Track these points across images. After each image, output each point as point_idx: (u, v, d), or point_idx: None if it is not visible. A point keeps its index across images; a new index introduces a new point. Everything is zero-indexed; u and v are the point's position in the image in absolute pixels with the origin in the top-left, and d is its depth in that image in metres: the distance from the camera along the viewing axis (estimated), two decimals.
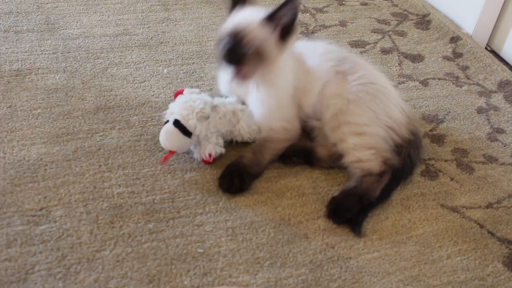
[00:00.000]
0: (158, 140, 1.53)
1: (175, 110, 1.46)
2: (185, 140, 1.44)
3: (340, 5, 2.34)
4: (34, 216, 1.31)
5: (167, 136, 1.44)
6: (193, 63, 1.86)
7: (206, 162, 1.49)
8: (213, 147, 1.48)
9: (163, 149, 1.51)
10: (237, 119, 1.52)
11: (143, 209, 1.35)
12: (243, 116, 1.52)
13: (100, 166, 1.45)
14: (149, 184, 1.42)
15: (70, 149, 1.49)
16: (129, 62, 1.83)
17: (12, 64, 1.75)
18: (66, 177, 1.41)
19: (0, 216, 1.29)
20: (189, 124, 1.44)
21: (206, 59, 1.89)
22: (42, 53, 1.81)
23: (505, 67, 2.06)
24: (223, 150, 1.49)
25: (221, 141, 1.50)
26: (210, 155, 1.47)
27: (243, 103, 1.56)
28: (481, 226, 1.44)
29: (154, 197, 1.39)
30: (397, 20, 2.28)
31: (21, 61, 1.77)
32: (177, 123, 1.44)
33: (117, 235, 1.29)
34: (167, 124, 1.45)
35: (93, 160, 1.46)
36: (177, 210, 1.36)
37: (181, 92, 1.53)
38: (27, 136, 1.51)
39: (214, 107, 1.48)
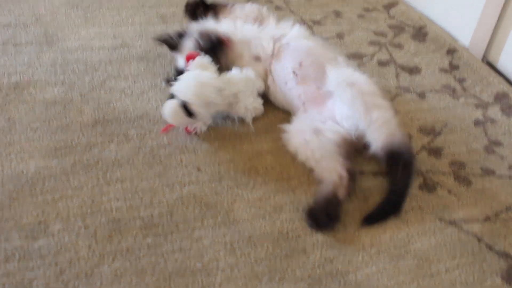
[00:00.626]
0: (156, 153, 1.54)
1: (186, 90, 1.55)
2: (187, 120, 1.56)
3: (337, 17, 2.35)
4: (32, 230, 1.30)
5: (173, 114, 1.55)
6: None
7: (187, 131, 1.60)
8: (201, 124, 1.60)
9: (160, 162, 1.52)
10: (236, 101, 1.62)
11: (141, 224, 1.35)
12: (243, 97, 1.63)
13: (98, 179, 1.45)
14: (147, 198, 1.42)
15: (69, 163, 1.49)
16: (127, 75, 1.83)
17: (11, 77, 1.75)
18: (65, 191, 1.41)
19: None
20: (194, 108, 1.53)
21: None
22: (40, 66, 1.82)
23: (501, 79, 2.07)
24: (205, 128, 1.61)
25: (208, 121, 1.62)
26: (195, 128, 1.60)
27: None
28: (479, 240, 1.44)
29: (152, 211, 1.39)
30: (394, 32, 2.29)
31: (19, 73, 1.77)
32: (183, 105, 1.53)
33: (116, 250, 1.29)
34: (174, 101, 1.54)
35: (91, 173, 1.46)
36: (176, 224, 1.36)
37: (193, 57, 1.64)
38: (25, 149, 1.51)
39: (219, 90, 1.58)
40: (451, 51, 2.18)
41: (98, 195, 1.41)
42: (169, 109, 1.54)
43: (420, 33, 2.30)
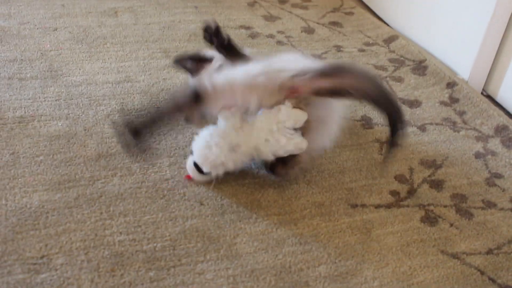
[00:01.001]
0: (159, 187, 1.55)
1: (196, 150, 1.55)
2: (203, 177, 1.56)
3: (338, 51, 2.39)
4: (35, 264, 1.31)
5: (190, 170, 1.57)
6: None
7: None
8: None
9: (163, 196, 1.53)
10: (259, 153, 1.52)
11: (144, 257, 1.36)
12: (269, 148, 1.49)
13: (101, 213, 1.46)
14: (150, 232, 1.42)
15: (72, 196, 1.50)
16: (130, 109, 1.85)
17: (16, 111, 1.77)
18: (68, 224, 1.42)
19: (0, 265, 1.29)
20: (205, 170, 1.53)
21: None
22: (45, 100, 1.84)
23: (501, 112, 2.09)
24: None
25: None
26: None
27: None
28: (482, 273, 1.44)
29: (155, 244, 1.39)
30: (394, 66, 2.32)
31: (24, 108, 1.79)
32: (195, 164, 1.54)
33: (118, 284, 1.29)
34: (190, 157, 1.57)
35: (94, 207, 1.47)
36: (178, 258, 1.37)
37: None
38: (29, 183, 1.52)
39: (234, 148, 1.51)
40: (451, 84, 2.21)
41: (101, 228, 1.42)
42: (188, 165, 1.58)
43: (420, 66, 2.33)
